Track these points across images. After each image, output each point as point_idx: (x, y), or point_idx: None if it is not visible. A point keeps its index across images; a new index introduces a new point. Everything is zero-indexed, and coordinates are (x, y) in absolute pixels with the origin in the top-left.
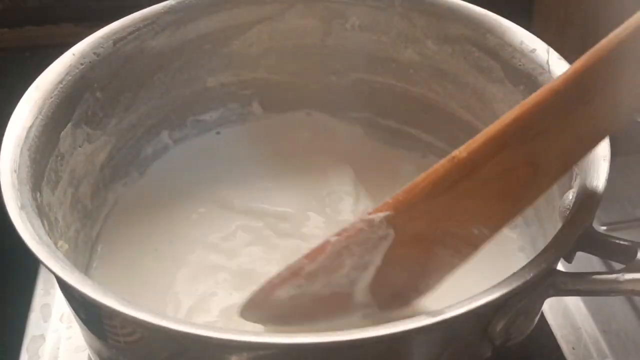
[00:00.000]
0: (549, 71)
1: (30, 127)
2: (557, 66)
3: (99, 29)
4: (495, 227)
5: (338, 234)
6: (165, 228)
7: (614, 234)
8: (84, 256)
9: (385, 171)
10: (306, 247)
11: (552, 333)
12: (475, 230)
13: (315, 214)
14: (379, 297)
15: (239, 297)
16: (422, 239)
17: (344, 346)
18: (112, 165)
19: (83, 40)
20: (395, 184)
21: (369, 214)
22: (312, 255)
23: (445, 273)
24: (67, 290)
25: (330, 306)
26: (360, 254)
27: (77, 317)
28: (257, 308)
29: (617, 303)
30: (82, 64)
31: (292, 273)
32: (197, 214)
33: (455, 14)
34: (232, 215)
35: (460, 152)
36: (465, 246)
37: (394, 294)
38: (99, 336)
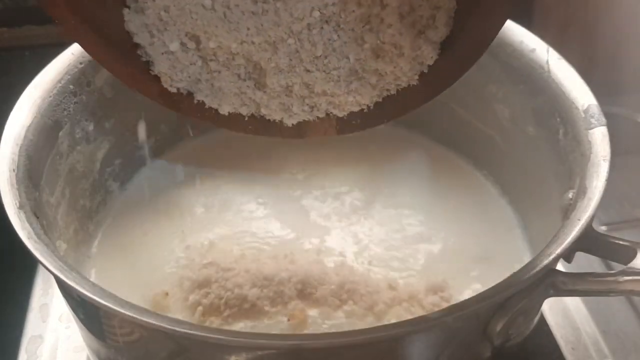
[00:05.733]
0: (549, 71)
1: (29, 126)
2: (557, 66)
3: None
4: None
5: None
6: (164, 226)
7: (614, 234)
8: (82, 255)
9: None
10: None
11: (551, 333)
12: None
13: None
14: None
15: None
16: None
17: (344, 346)
18: (110, 165)
19: None
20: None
21: None
22: None
23: None
24: (66, 290)
25: None
26: None
27: (75, 317)
28: None
29: (616, 303)
30: (81, 63)
31: None
32: (198, 212)
33: None
34: (233, 212)
35: None
36: None
37: None
38: (98, 336)
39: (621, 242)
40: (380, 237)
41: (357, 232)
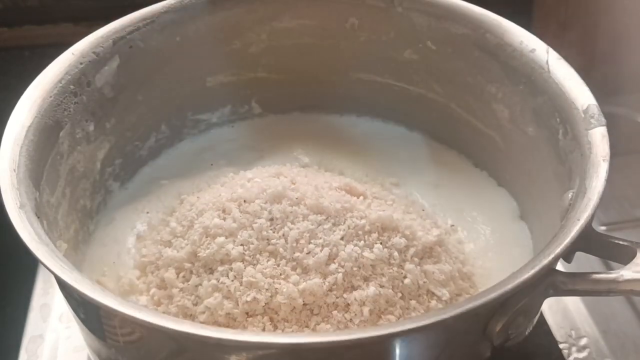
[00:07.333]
0: (549, 71)
1: (30, 126)
2: (557, 66)
3: (98, 28)
4: None
5: None
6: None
7: (614, 234)
8: (83, 255)
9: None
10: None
11: (551, 333)
12: None
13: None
14: None
15: None
16: None
17: (344, 346)
18: (111, 165)
19: (82, 40)
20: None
21: None
22: None
23: None
24: (66, 290)
25: None
26: None
27: (76, 316)
28: None
29: (616, 303)
30: (81, 64)
31: None
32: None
33: (455, 14)
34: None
35: None
36: None
37: None
38: (98, 336)
39: (621, 242)
40: None
41: None
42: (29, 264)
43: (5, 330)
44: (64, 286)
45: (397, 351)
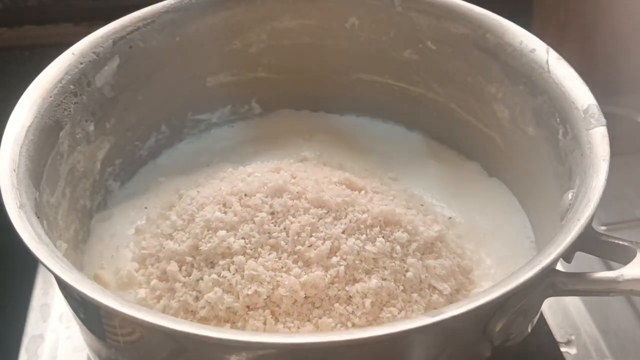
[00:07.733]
0: (549, 71)
1: (30, 126)
2: (557, 66)
3: (98, 28)
4: None
5: None
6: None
7: (614, 234)
8: (82, 255)
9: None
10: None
11: (551, 333)
12: None
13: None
14: None
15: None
16: None
17: (343, 346)
18: (111, 165)
19: (82, 40)
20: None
21: None
22: None
23: None
24: (66, 290)
25: None
26: None
27: (76, 316)
28: None
29: (616, 303)
30: (81, 64)
31: None
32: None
33: (455, 14)
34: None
35: None
36: None
37: None
38: (98, 336)
39: (621, 242)
40: None
41: None
42: (29, 264)
43: (5, 330)
44: (64, 286)
45: (398, 351)
